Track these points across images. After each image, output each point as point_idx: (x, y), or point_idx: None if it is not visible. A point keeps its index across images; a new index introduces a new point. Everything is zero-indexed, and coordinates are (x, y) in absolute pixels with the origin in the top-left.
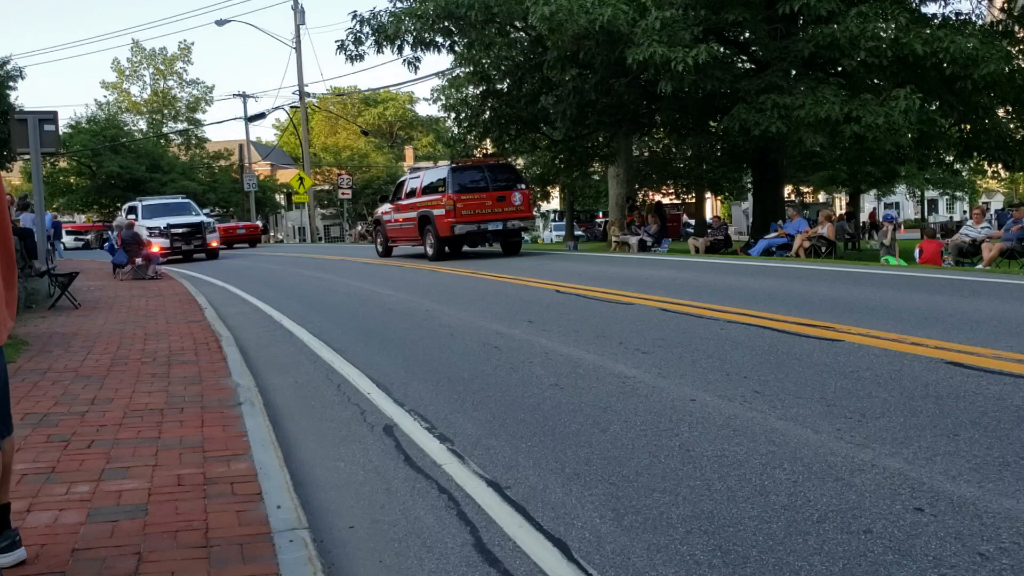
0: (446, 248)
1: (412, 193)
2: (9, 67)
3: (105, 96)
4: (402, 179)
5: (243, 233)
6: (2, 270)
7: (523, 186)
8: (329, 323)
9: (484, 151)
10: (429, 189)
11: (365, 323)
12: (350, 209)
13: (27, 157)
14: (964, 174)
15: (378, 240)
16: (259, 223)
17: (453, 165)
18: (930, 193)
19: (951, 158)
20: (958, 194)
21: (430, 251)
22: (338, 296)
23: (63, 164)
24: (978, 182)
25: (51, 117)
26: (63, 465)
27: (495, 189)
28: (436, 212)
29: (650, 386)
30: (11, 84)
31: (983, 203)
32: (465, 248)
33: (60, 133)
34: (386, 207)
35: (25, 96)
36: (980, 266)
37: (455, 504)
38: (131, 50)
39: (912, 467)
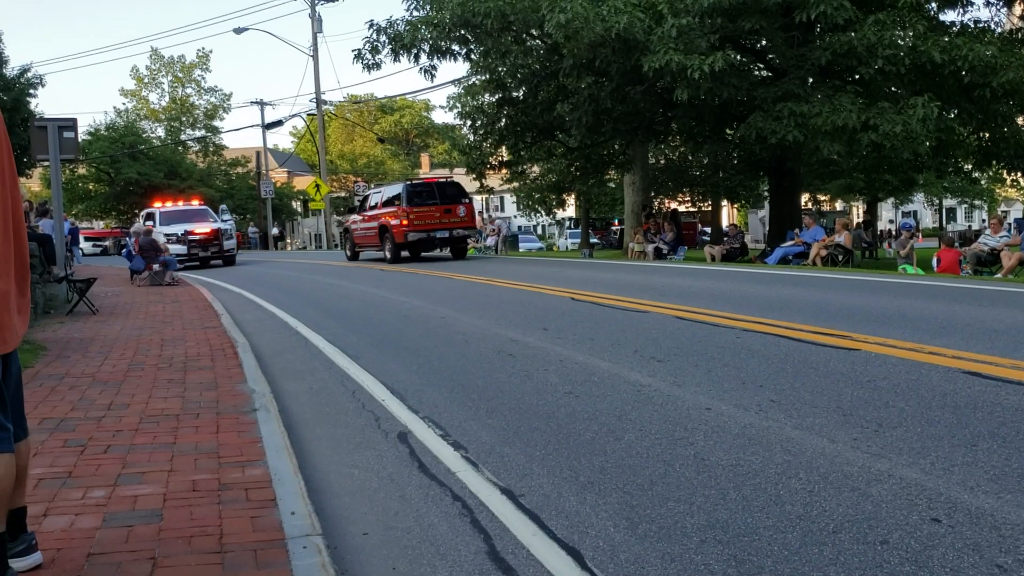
0: (402, 252)
1: (375, 206)
2: (30, 75)
3: (124, 103)
4: (367, 194)
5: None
6: (17, 276)
7: (467, 200)
8: (344, 329)
9: (500, 159)
10: (388, 203)
11: (380, 329)
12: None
13: (47, 164)
14: (983, 183)
15: (347, 246)
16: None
17: (408, 183)
18: (948, 202)
19: (970, 166)
20: (977, 203)
21: (388, 255)
22: (353, 302)
23: (82, 171)
24: (997, 191)
25: (70, 124)
26: (79, 470)
27: (443, 203)
28: (393, 222)
29: (665, 395)
30: (31, 92)
31: (1002, 212)
32: (426, 253)
33: (79, 140)
34: (354, 217)
35: (45, 103)
36: (999, 275)
37: (469, 511)
38: (150, 58)
39: (929, 477)
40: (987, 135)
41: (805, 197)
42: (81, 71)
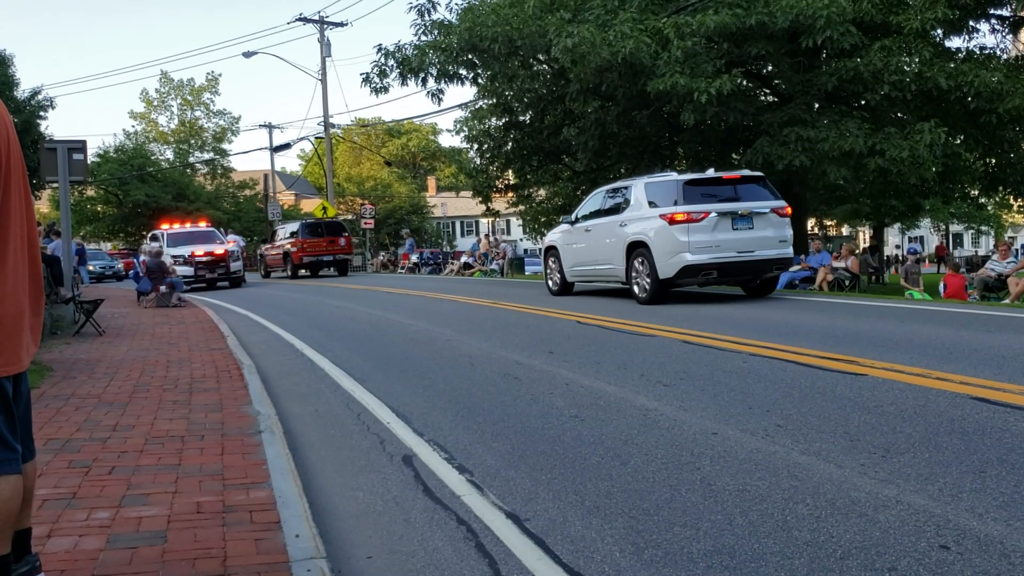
0: (300, 271)
1: (282, 238)
2: (40, 97)
3: (133, 126)
4: (275, 229)
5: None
6: (31, 296)
7: (346, 234)
8: (350, 352)
9: (506, 182)
10: (290, 235)
11: (386, 352)
12: (372, 238)
13: (56, 185)
14: (989, 208)
15: (262, 267)
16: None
17: (303, 221)
18: (955, 227)
19: (976, 192)
20: (983, 228)
21: (289, 272)
22: (359, 325)
23: (90, 192)
24: (1004, 216)
25: (80, 146)
26: (84, 491)
27: (328, 235)
28: (293, 250)
29: (671, 419)
30: (42, 114)
31: (1009, 238)
32: (322, 272)
33: (88, 162)
34: (266, 246)
35: (55, 126)
36: (1007, 301)
37: (473, 536)
38: (159, 81)
39: (937, 504)
40: (993, 161)
41: (811, 222)
42: (91, 94)
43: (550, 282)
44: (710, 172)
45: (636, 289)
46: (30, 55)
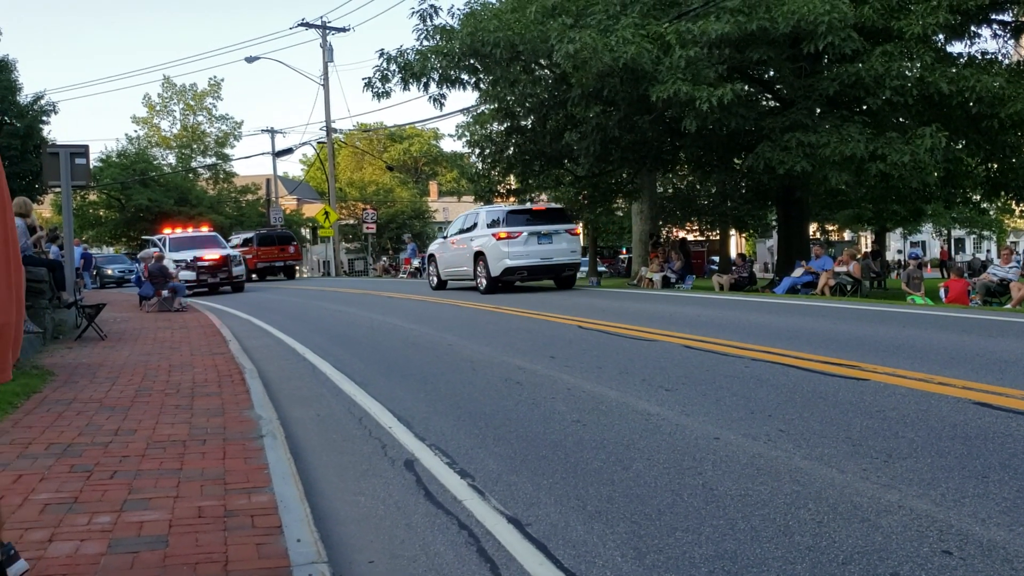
0: (253, 275)
1: (236, 246)
2: (43, 102)
3: (135, 131)
4: (230, 237)
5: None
6: (15, 307)
7: (295, 243)
8: (352, 356)
9: (508, 187)
10: (243, 244)
11: (387, 357)
12: (374, 243)
13: (58, 190)
14: (991, 213)
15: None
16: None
17: (257, 231)
18: (957, 232)
19: (978, 197)
20: (985, 233)
21: (243, 276)
22: (361, 329)
23: (93, 197)
24: (1006, 221)
25: (82, 151)
26: (85, 495)
27: (279, 244)
28: (248, 256)
29: (673, 424)
30: (44, 119)
31: (1011, 243)
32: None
33: (91, 167)
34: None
35: (58, 130)
36: (1009, 306)
37: (475, 540)
38: (162, 86)
39: (940, 509)
40: (995, 166)
41: (813, 227)
42: (94, 99)
43: (432, 280)
44: (527, 205)
45: (478, 283)
46: (33, 60)
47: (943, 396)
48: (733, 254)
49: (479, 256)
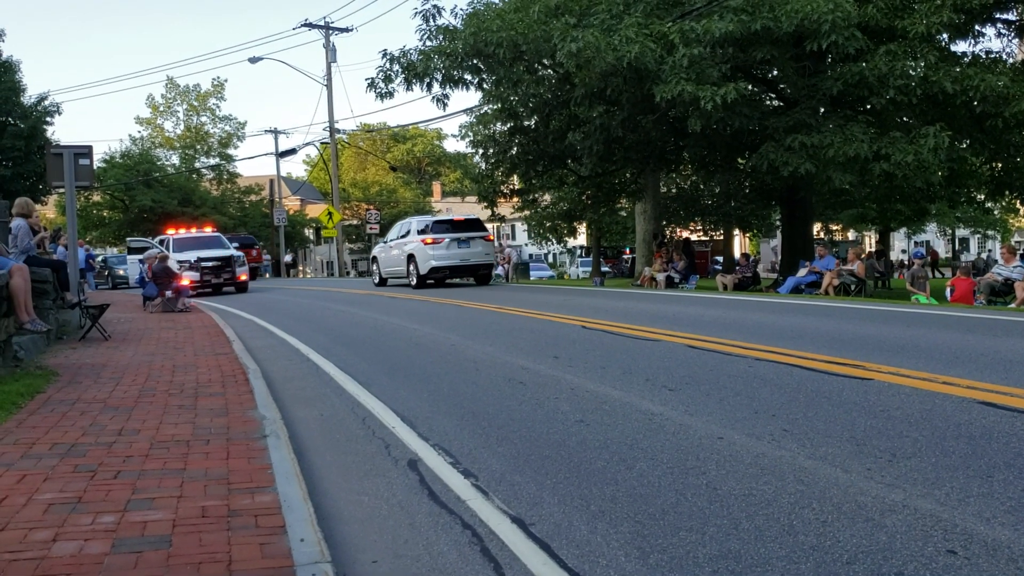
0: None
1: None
2: (47, 103)
3: (139, 131)
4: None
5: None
6: None
7: (259, 246)
8: (355, 356)
9: (511, 187)
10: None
11: (391, 357)
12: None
13: (62, 190)
14: (995, 212)
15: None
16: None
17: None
18: (961, 231)
19: (982, 196)
20: (990, 232)
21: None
22: (364, 329)
23: (96, 198)
24: (1010, 220)
25: (86, 151)
26: (89, 495)
27: (244, 248)
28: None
29: (677, 423)
30: (48, 119)
31: (1016, 241)
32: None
33: (94, 167)
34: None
35: (61, 131)
36: (1013, 305)
37: (479, 540)
38: (165, 86)
39: (944, 508)
40: (999, 165)
41: (817, 226)
42: (97, 99)
43: (375, 278)
44: (450, 216)
45: (410, 280)
46: (37, 61)
47: (947, 396)
48: (737, 254)
49: (411, 258)
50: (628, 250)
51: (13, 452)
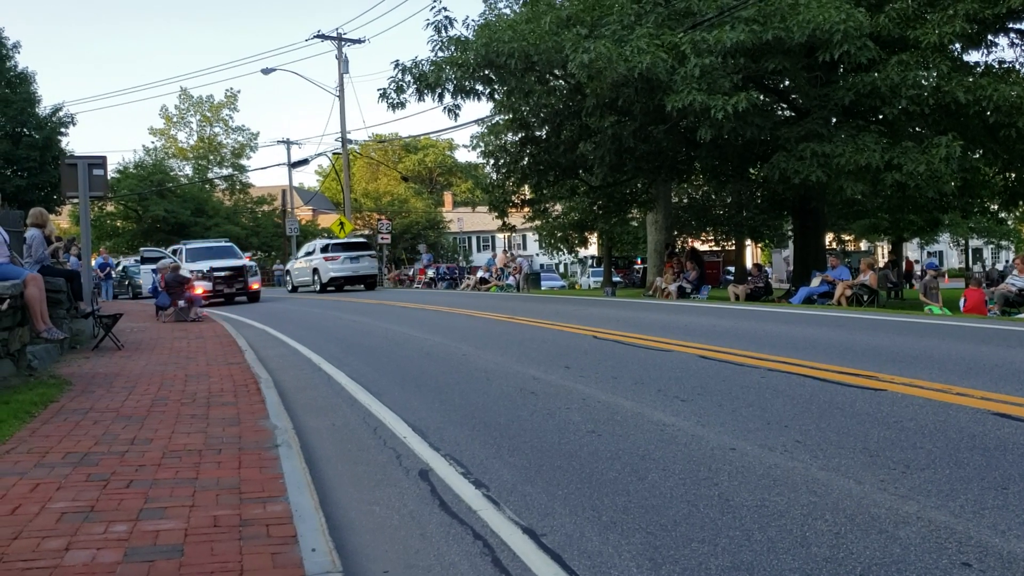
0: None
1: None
2: (61, 114)
3: (153, 142)
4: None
5: None
6: None
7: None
8: (366, 366)
9: (522, 197)
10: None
11: (402, 366)
12: (389, 254)
13: (76, 201)
14: (1009, 223)
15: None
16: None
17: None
18: (975, 242)
19: (995, 206)
20: (1003, 243)
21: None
22: (376, 339)
23: (110, 208)
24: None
25: (100, 162)
26: (102, 504)
27: None
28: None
29: (689, 434)
30: (63, 130)
31: None
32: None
33: (108, 178)
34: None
35: (76, 142)
36: None
37: (490, 551)
38: (179, 97)
39: (959, 520)
40: (1013, 175)
41: (829, 237)
42: (112, 110)
43: (288, 286)
44: (347, 239)
45: (315, 287)
46: (51, 72)
47: (961, 407)
48: (749, 264)
49: (315, 271)
50: (639, 260)
51: (27, 461)
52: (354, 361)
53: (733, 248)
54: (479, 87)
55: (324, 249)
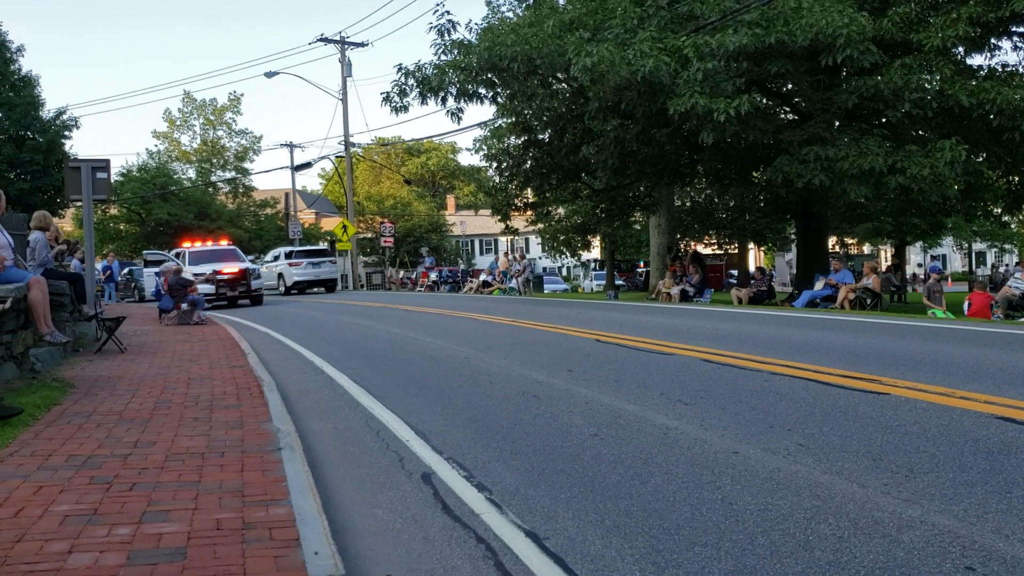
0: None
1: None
2: (65, 117)
3: (156, 145)
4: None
5: None
6: None
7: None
8: (369, 369)
9: (525, 200)
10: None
11: (405, 369)
12: (392, 257)
13: (79, 204)
14: (1012, 226)
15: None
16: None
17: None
18: (978, 245)
19: (999, 210)
20: (1007, 246)
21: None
22: (379, 342)
23: (113, 211)
24: None
25: (103, 165)
26: (105, 507)
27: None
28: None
29: (692, 438)
30: (66, 133)
31: None
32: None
33: (112, 181)
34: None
35: (79, 145)
36: None
37: (493, 554)
38: (182, 101)
39: (963, 524)
40: (1017, 179)
41: (832, 240)
42: (115, 113)
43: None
44: (308, 247)
45: (280, 290)
46: (55, 76)
47: (965, 410)
48: (752, 268)
49: (280, 275)
50: (642, 263)
51: (30, 464)
52: (357, 364)
53: (736, 251)
54: (482, 90)
55: (288, 256)
